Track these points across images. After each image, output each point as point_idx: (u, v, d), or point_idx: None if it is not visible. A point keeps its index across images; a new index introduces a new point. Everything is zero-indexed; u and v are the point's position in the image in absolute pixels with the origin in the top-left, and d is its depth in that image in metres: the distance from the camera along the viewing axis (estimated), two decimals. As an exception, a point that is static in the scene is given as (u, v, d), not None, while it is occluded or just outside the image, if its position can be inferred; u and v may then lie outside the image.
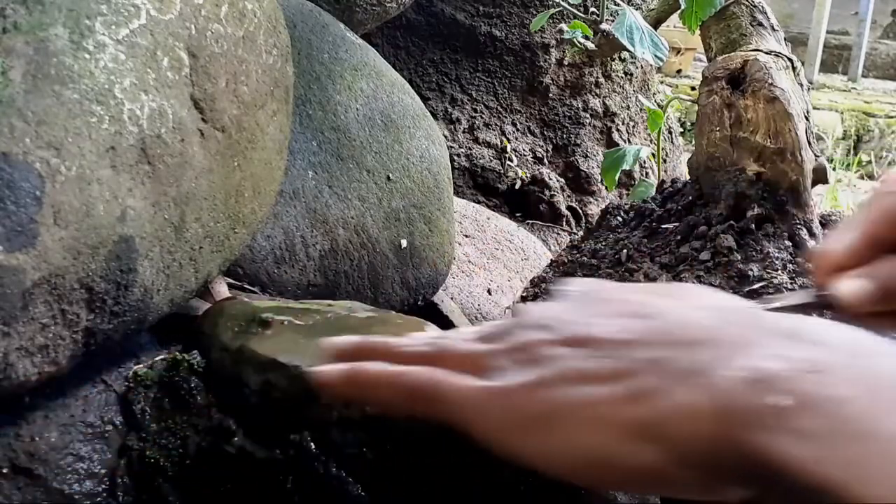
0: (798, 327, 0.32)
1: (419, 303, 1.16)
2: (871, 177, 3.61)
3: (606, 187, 1.92)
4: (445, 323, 1.15)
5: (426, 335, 0.45)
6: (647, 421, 0.31)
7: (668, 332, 0.34)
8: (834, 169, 3.50)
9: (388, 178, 1.12)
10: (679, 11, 1.21)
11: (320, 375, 0.42)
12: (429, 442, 0.49)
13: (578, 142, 2.05)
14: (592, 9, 1.57)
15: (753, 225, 0.90)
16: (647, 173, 2.07)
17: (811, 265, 0.48)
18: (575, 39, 1.47)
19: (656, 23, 1.42)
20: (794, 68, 1.00)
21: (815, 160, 0.95)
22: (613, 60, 2.06)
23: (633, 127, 2.15)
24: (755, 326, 0.33)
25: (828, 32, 5.11)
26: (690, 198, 0.99)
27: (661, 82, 3.11)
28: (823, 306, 0.46)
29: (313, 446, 0.51)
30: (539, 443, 0.34)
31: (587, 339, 0.36)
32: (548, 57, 1.96)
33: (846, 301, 0.45)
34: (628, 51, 1.25)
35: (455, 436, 0.48)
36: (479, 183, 1.93)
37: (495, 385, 0.36)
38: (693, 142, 1.05)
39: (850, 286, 0.45)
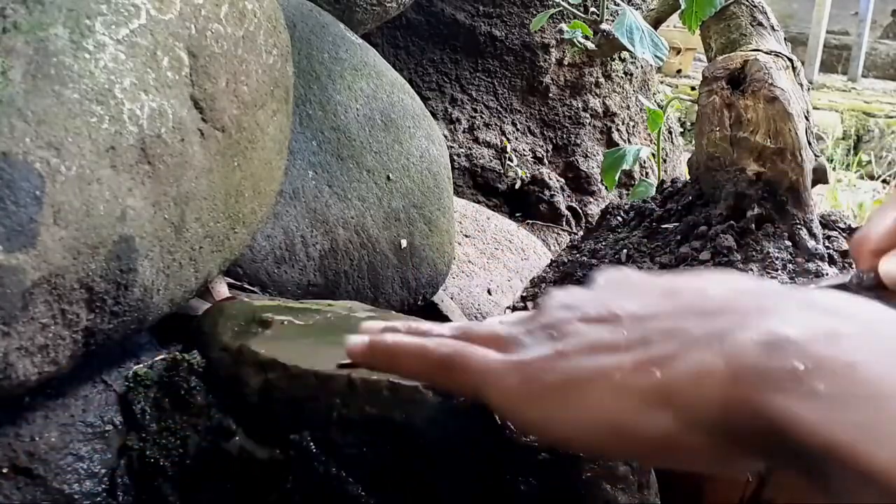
0: (814, 298, 0.33)
1: (419, 303, 1.16)
2: (871, 177, 3.61)
3: (606, 187, 1.93)
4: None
5: (452, 324, 0.48)
6: (661, 387, 0.32)
7: (686, 306, 0.35)
8: (834, 169, 3.50)
9: (388, 178, 1.12)
10: (679, 11, 1.21)
11: (349, 345, 0.45)
12: (429, 442, 0.49)
13: (578, 142, 2.05)
14: (592, 9, 1.57)
15: (753, 225, 0.90)
16: (647, 173, 2.07)
17: (851, 249, 0.49)
18: (575, 39, 1.47)
19: (656, 23, 1.42)
20: (794, 68, 1.00)
21: (815, 160, 0.95)
22: (613, 60, 2.06)
23: (633, 127, 2.15)
24: (771, 296, 0.34)
25: (828, 32, 5.11)
26: (690, 198, 0.99)
27: (661, 82, 3.11)
28: (863, 287, 0.46)
29: (313, 446, 0.51)
30: (555, 412, 0.35)
31: (607, 316, 0.37)
32: (548, 57, 1.96)
33: (891, 280, 0.46)
34: (628, 51, 1.25)
35: (455, 438, 0.48)
36: (479, 183, 1.93)
37: (515, 357, 0.38)
38: (693, 142, 1.05)
39: (893, 266, 0.46)
